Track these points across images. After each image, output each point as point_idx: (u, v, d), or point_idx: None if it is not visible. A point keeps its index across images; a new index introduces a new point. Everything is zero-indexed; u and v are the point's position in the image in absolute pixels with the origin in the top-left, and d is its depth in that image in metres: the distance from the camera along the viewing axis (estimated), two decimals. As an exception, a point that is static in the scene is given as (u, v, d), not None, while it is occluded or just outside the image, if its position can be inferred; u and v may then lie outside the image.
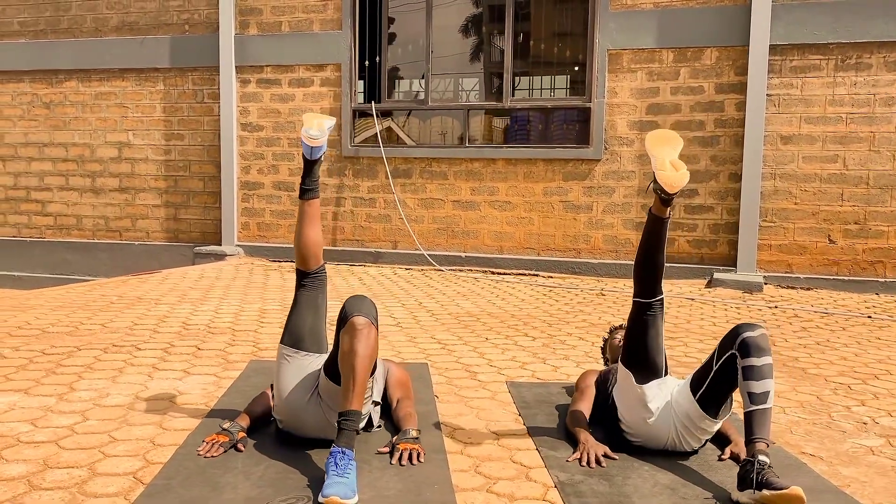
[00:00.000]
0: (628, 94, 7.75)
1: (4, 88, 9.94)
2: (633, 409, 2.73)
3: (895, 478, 2.55)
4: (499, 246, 8.24)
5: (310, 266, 2.81)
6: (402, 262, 8.40)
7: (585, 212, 7.97)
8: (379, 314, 2.70)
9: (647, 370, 2.71)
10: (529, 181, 8.10)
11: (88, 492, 2.24)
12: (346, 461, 2.27)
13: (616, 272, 7.80)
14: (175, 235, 9.40)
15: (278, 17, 8.80)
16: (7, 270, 9.99)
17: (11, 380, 3.40)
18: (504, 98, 8.14)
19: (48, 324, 4.68)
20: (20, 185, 10.00)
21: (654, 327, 2.70)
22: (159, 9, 9.27)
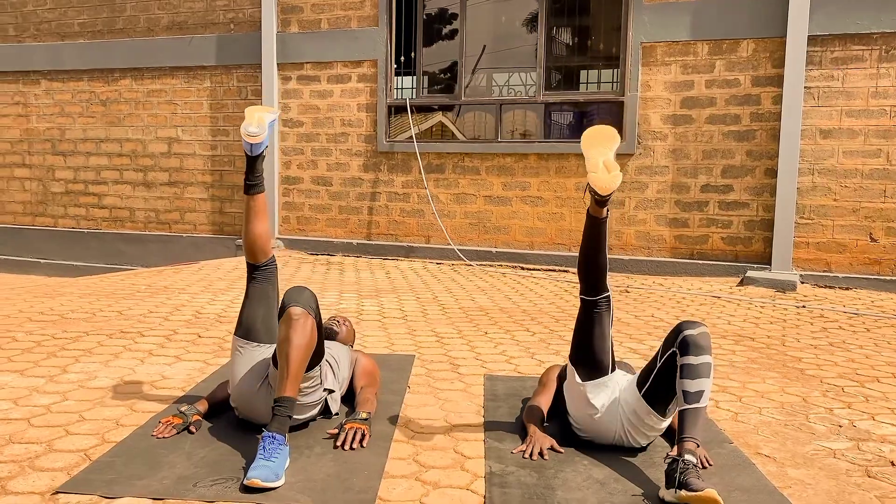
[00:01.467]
0: (662, 87, 7.60)
1: (65, 87, 10.45)
2: (579, 405, 2.71)
3: (845, 481, 2.46)
4: (530, 242, 8.21)
5: (258, 259, 2.90)
6: (434, 256, 8.46)
7: (617, 207, 7.86)
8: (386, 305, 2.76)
9: (592, 368, 2.69)
10: (561, 176, 8.04)
11: (37, 466, 2.38)
12: (274, 445, 2.34)
13: (647, 269, 7.67)
14: (220, 228, 9.71)
15: (318, 14, 8.97)
16: (66, 260, 10.51)
17: (13, 361, 3.62)
18: (537, 92, 8.10)
19: (69, 310, 4.93)
20: (79, 178, 10.50)
21: (599, 325, 2.68)
22: (206, 8, 9.58)
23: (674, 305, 5.89)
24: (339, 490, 2.27)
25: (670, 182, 7.63)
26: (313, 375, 2.69)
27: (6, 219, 11.12)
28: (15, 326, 4.38)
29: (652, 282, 7.20)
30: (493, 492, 2.29)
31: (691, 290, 6.70)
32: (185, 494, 2.20)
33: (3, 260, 11.02)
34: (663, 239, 7.70)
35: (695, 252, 7.60)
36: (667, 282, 7.19)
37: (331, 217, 9.02)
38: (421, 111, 8.74)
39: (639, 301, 6.12)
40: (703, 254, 7.57)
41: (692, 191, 7.58)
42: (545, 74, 8.07)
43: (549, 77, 8.16)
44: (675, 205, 7.64)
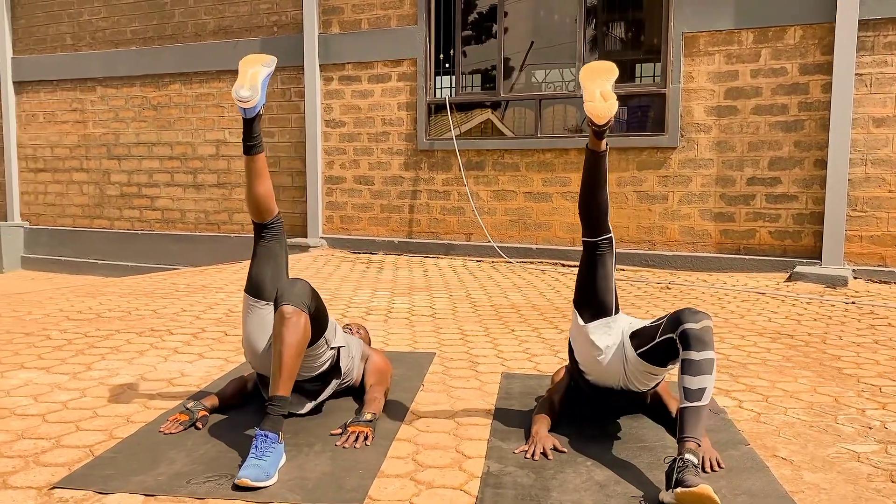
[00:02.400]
0: (705, 78, 7.38)
1: (119, 93, 10.77)
2: (584, 348, 2.70)
3: (864, 486, 2.33)
4: (571, 238, 8.09)
5: (264, 218, 2.91)
6: (474, 254, 8.41)
7: (661, 202, 7.68)
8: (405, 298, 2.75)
9: (595, 309, 2.68)
10: (603, 171, 7.87)
11: (41, 461, 2.43)
12: (266, 444, 2.34)
13: (692, 265, 7.47)
14: (266, 228, 9.83)
15: (358, 14, 9.02)
16: (122, 261, 10.84)
17: (42, 358, 3.72)
18: (577, 87, 7.97)
19: (107, 309, 5.07)
20: (133, 181, 10.81)
21: (602, 267, 2.65)
22: (251, 12, 9.74)
23: (714, 302, 5.71)
24: (331, 489, 2.25)
25: (715, 175, 7.41)
26: (319, 345, 2.73)
27: (66, 221, 11.53)
28: (52, 325, 4.52)
29: (696, 278, 7.00)
30: (485, 492, 2.24)
31: (735, 286, 6.49)
32: (177, 491, 2.21)
33: (64, 261, 11.43)
34: (708, 234, 7.48)
35: (741, 247, 7.36)
36: (711, 278, 6.99)
37: (373, 216, 9.06)
38: (461, 109, 8.69)
39: (678, 297, 5.95)
40: (749, 249, 7.33)
41: (738, 184, 7.34)
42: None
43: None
44: (720, 199, 7.42)
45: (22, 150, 11.78)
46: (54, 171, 11.53)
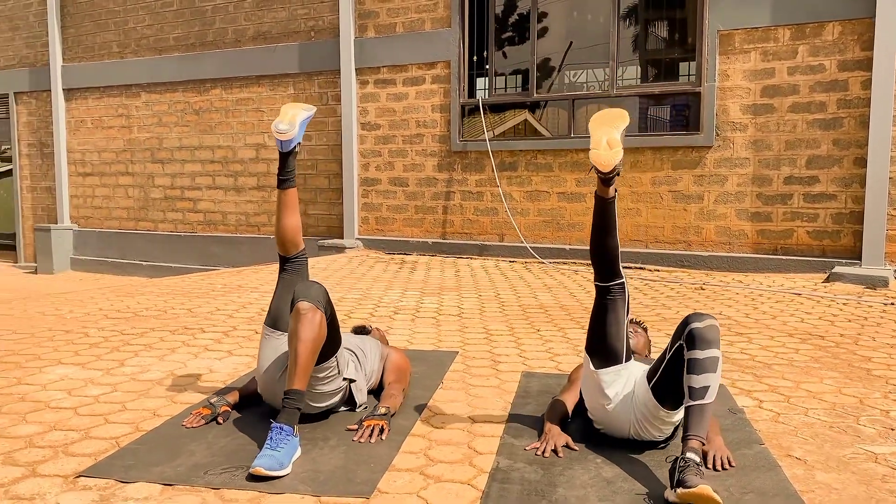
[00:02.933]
0: (741, 76, 7.29)
1: (163, 98, 11.05)
2: (593, 394, 2.66)
3: (878, 487, 2.30)
4: (605, 238, 8.03)
5: (289, 251, 2.99)
6: (507, 254, 8.43)
7: (696, 202, 7.60)
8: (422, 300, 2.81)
9: (606, 356, 2.62)
10: (636, 171, 7.84)
11: (69, 451, 2.54)
12: (281, 436, 2.41)
13: (728, 265, 7.37)
14: (305, 230, 9.92)
15: (393, 18, 9.11)
16: (166, 262, 11.11)
17: (79, 354, 3.87)
18: (611, 86, 7.94)
19: (144, 308, 5.23)
20: (176, 185, 11.08)
21: (613, 312, 2.61)
22: (289, 18, 9.91)
23: (747, 303, 5.64)
24: (341, 481, 2.31)
25: (751, 174, 7.31)
26: (329, 366, 2.75)
27: (112, 224, 11.87)
28: (91, 323, 4.68)
29: (731, 279, 6.91)
30: (492, 487, 2.28)
31: (771, 287, 6.39)
32: (194, 481, 2.29)
33: (110, 262, 11.77)
34: (745, 234, 7.38)
35: (778, 247, 7.25)
36: (747, 278, 6.89)
37: (407, 217, 9.14)
38: (495, 110, 8.72)
39: (711, 298, 5.89)
40: (787, 249, 7.21)
41: (775, 183, 7.22)
42: (615, 67, 7.90)
43: (624, 70, 7.98)
44: (756, 198, 7.31)
45: (71, 155, 12.17)
46: (101, 175, 11.88)
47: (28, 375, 3.46)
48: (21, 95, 12.68)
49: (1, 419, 2.86)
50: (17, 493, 2.20)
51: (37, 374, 3.48)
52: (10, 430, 2.74)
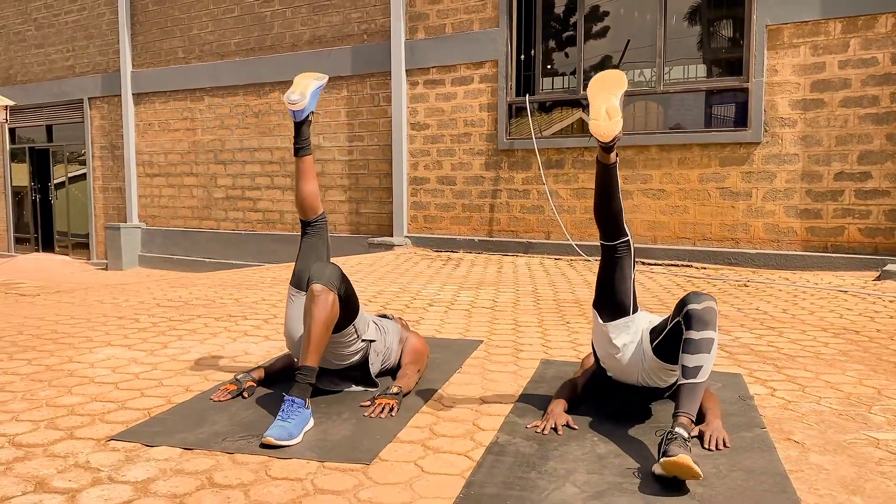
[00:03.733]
0: (790, 71, 7.18)
1: (224, 101, 11.49)
2: (603, 346, 2.77)
3: (870, 469, 2.31)
4: (652, 236, 8.03)
5: (308, 216, 3.16)
6: (553, 252, 8.48)
7: (744, 199, 7.51)
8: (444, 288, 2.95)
9: (613, 309, 2.73)
10: (684, 168, 7.80)
11: (105, 419, 2.76)
12: (293, 409, 2.57)
13: (777, 263, 7.26)
14: (356, 228, 10.27)
15: (442, 19, 9.28)
16: (228, 259, 11.54)
17: (128, 338, 4.14)
18: (658, 82, 7.92)
19: (195, 297, 5.51)
20: (237, 185, 11.50)
21: (619, 269, 2.71)
22: (343, 21, 10.19)
23: (787, 300, 5.58)
24: (346, 449, 2.46)
25: (800, 171, 7.19)
26: (348, 332, 2.92)
27: (178, 223, 12.38)
28: (143, 310, 4.98)
29: (778, 276, 6.82)
30: (486, 458, 2.39)
31: (818, 284, 6.28)
32: (211, 446, 2.48)
33: (176, 260, 12.28)
34: (794, 231, 7.26)
35: (829, 245, 7.10)
36: (794, 276, 6.78)
37: (455, 215, 9.28)
38: (543, 109, 8.78)
39: (752, 295, 5.84)
40: (837, 246, 7.06)
41: (825, 179, 7.09)
42: (662, 64, 7.87)
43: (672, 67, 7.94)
44: (806, 195, 7.19)
45: (140, 157, 12.76)
46: (167, 176, 12.41)
47: (79, 355, 3.74)
48: (94, 100, 13.36)
49: (49, 391, 3.11)
50: (54, 452, 2.42)
51: (87, 354, 3.75)
52: (56, 400, 2.99)
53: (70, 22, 13.62)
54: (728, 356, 3.81)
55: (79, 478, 2.22)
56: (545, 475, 2.26)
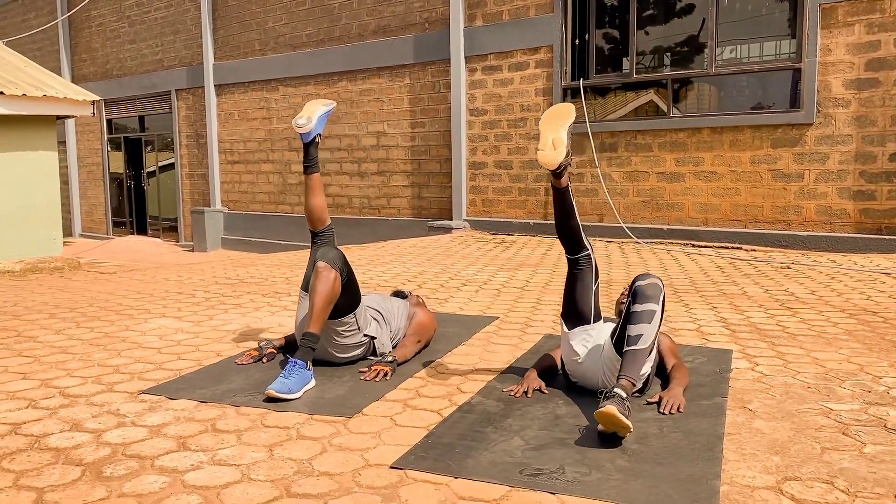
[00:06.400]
0: (844, 50, 7.06)
1: (297, 91, 12.05)
2: (566, 352, 2.98)
3: (809, 435, 2.47)
4: (703, 218, 8.05)
5: (317, 226, 3.51)
6: (606, 234, 8.60)
7: (796, 181, 7.45)
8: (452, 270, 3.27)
9: (575, 318, 2.94)
10: (736, 150, 7.79)
11: (142, 377, 3.20)
12: (295, 368, 2.93)
13: (828, 245, 7.19)
14: (419, 212, 10.64)
15: (500, 6, 9.48)
16: (301, 242, 12.14)
17: (180, 311, 4.62)
18: (709, 64, 7.91)
19: (250, 276, 5.99)
20: (308, 171, 12.04)
21: (580, 281, 2.93)
22: (406, 11, 10.53)
23: (822, 281, 5.59)
24: (335, 405, 2.80)
25: (854, 152, 7.08)
26: (348, 321, 3.25)
27: (256, 207, 13.09)
28: (201, 287, 5.48)
29: (826, 259, 6.77)
30: (453, 415, 2.68)
31: (865, 267, 6.22)
32: (222, 400, 2.87)
33: (255, 242, 12.99)
34: (846, 213, 7.16)
35: (882, 227, 6.98)
36: (844, 259, 6.72)
37: (511, 199, 9.51)
38: (596, 91, 8.89)
39: (789, 277, 5.86)
40: (891, 229, 6.93)
41: (879, 160, 6.96)
42: (714, 46, 7.85)
43: (724, 49, 7.91)
44: (859, 176, 7.07)
45: (221, 145, 13.52)
46: (246, 163, 13.12)
47: (135, 324, 4.23)
48: (181, 92, 14.21)
49: (103, 353, 3.60)
50: (93, 402, 2.87)
51: (142, 324, 4.25)
52: (106, 361, 3.46)
53: (159, 18, 14.50)
54: (730, 334, 3.95)
55: (107, 422, 2.65)
56: (500, 430, 2.54)
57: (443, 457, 2.31)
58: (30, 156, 7.93)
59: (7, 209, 7.75)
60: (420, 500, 2.03)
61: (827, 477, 2.17)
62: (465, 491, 2.09)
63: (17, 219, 7.80)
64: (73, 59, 16.76)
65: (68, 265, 6.85)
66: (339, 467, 2.25)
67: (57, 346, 3.73)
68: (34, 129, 7.92)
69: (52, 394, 2.97)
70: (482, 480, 2.15)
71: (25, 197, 7.90)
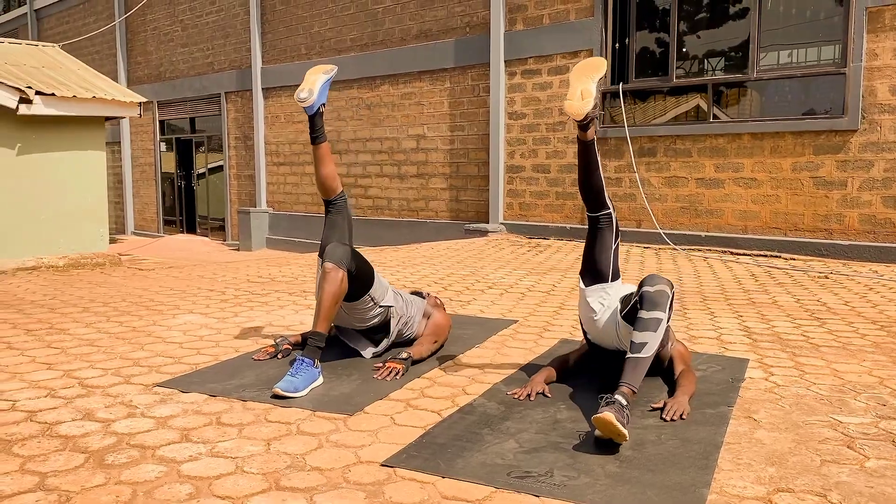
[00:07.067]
0: (891, 55, 6.86)
1: (340, 95, 12.21)
2: (583, 309, 3.03)
3: (811, 448, 2.42)
4: (743, 225, 7.90)
5: (329, 195, 3.57)
6: (643, 240, 8.51)
7: (839, 188, 7.26)
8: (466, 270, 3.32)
9: (593, 276, 2.99)
10: (776, 156, 7.63)
11: (161, 370, 3.30)
12: (302, 367, 2.99)
13: (870, 255, 6.99)
14: (456, 214, 10.68)
15: (540, 10, 9.47)
16: (341, 243, 12.28)
17: (209, 307, 4.74)
18: (750, 69, 7.77)
19: (281, 275, 6.10)
20: (351, 173, 12.21)
21: (600, 240, 2.96)
22: (447, 15, 10.58)
23: (858, 292, 5.44)
24: (339, 403, 2.85)
25: (900, 159, 6.86)
26: (364, 300, 3.32)
27: (300, 208, 13.29)
28: (233, 285, 5.61)
29: (868, 269, 6.58)
30: (452, 416, 2.70)
31: (905, 277, 6.03)
32: (231, 395, 2.94)
33: (298, 242, 13.20)
34: (891, 222, 6.95)
35: (929, 237, 6.75)
36: (886, 269, 6.52)
37: (548, 203, 9.48)
38: (636, 95, 8.80)
39: (825, 287, 5.72)
40: (938, 239, 6.70)
41: (926, 168, 6.74)
42: (757, 50, 7.70)
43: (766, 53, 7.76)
44: (905, 184, 6.85)
45: (268, 147, 13.78)
46: (291, 165, 13.34)
47: (162, 319, 4.36)
48: (230, 95, 14.53)
49: (126, 346, 3.72)
50: (108, 393, 2.97)
51: (169, 319, 4.37)
52: (129, 354, 3.58)
53: (210, 22, 14.85)
54: (750, 343, 3.88)
55: (118, 412, 2.74)
56: (496, 432, 2.55)
57: (434, 456, 2.33)
58: (79, 155, 8.21)
59: (57, 206, 8.04)
60: (403, 498, 2.06)
61: (821, 490, 2.12)
62: (449, 491, 2.11)
63: (66, 215, 8.09)
64: (129, 61, 17.28)
65: (109, 261, 7.08)
66: (331, 463, 2.29)
67: (85, 339, 3.87)
68: (84, 129, 8.20)
69: (72, 384, 3.08)
70: (468, 481, 2.16)
71: (75, 194, 8.19)
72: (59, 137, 8.05)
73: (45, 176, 7.98)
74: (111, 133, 17.43)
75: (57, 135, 8.00)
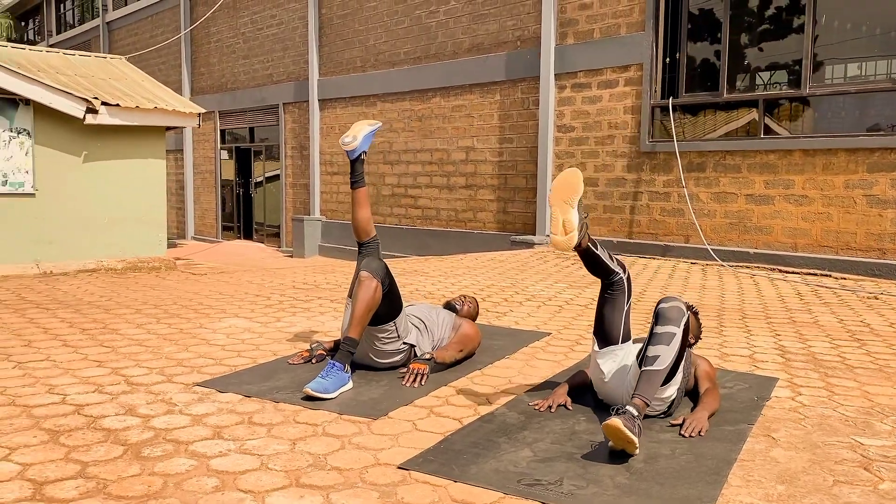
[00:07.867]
0: (949, 70, 6.69)
1: (393, 107, 12.43)
2: (593, 369, 3.04)
3: (825, 468, 2.43)
4: (792, 243, 7.78)
5: (362, 238, 3.70)
6: (691, 256, 8.44)
7: (893, 207, 7.10)
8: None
9: (604, 338, 3.00)
10: (828, 173, 7.50)
11: (202, 371, 3.48)
12: (333, 370, 3.12)
13: (925, 277, 6.81)
14: (503, 226, 10.76)
15: (591, 25, 9.50)
16: (390, 251, 12.47)
17: (253, 312, 4.93)
18: (803, 85, 7.66)
19: (326, 282, 6.27)
20: (401, 183, 12.40)
21: (610, 304, 2.99)
22: (499, 29, 10.70)
23: (906, 313, 5.32)
24: (365, 407, 2.96)
25: (957, 178, 6.68)
26: (388, 328, 3.41)
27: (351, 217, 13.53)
28: (278, 291, 5.80)
29: (922, 290, 6.41)
30: (472, 424, 2.79)
31: (959, 300, 5.86)
32: (264, 396, 3.09)
33: (349, 250, 13.43)
34: (947, 243, 6.76)
35: None
36: (939, 291, 6.34)
37: (596, 216, 9.47)
38: (686, 110, 8.75)
39: (872, 308, 5.61)
40: None
41: None
42: (811, 66, 7.59)
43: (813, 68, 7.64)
44: (963, 204, 6.66)
45: (322, 157, 14.09)
46: (344, 175, 13.60)
47: (209, 322, 4.56)
48: (287, 105, 14.92)
49: (172, 346, 3.91)
50: (151, 390, 3.15)
51: (215, 322, 4.56)
52: (174, 354, 3.77)
53: (270, 35, 15.29)
54: (783, 362, 3.86)
55: (158, 408, 2.91)
56: (512, 441, 2.63)
57: (449, 462, 2.42)
58: (141, 163, 8.57)
59: (119, 211, 8.40)
60: (415, 500, 2.15)
61: (828, 509, 2.14)
62: (459, 495, 2.19)
63: (126, 221, 8.45)
64: (193, 72, 17.89)
65: (165, 265, 7.38)
66: (350, 464, 2.40)
67: (134, 339, 4.08)
68: (146, 138, 8.56)
69: (118, 381, 3.27)
70: (479, 486, 2.24)
71: (135, 201, 8.55)
72: (122, 146, 8.43)
73: (108, 182, 8.37)
74: (175, 141, 18.06)
75: (120, 143, 8.38)
